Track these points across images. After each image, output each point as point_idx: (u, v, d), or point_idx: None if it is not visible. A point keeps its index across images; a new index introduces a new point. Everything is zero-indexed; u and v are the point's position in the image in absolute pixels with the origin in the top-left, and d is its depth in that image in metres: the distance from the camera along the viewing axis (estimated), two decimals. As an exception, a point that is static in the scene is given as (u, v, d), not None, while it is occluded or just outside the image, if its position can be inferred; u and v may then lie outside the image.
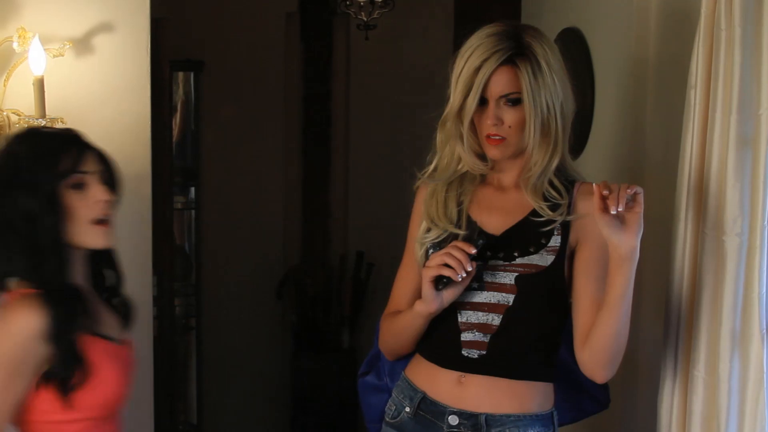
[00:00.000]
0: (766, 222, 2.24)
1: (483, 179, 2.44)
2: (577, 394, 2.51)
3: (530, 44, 2.29)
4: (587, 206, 2.28)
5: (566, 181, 2.37)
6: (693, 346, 2.37)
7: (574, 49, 3.19)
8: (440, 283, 2.29)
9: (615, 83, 3.08)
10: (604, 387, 2.52)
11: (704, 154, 2.35)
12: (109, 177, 2.18)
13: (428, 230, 2.42)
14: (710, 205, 2.32)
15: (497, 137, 2.32)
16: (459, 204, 2.41)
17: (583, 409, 2.56)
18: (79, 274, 2.17)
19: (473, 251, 2.27)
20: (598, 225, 2.19)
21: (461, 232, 2.36)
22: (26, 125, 2.74)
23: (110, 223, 2.16)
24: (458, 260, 2.26)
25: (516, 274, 2.33)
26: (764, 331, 2.26)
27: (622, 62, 3.02)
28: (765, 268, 2.25)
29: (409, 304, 2.42)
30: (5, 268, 2.11)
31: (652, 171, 2.86)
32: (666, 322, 2.47)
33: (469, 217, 2.39)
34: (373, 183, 5.57)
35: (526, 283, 2.32)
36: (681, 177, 2.43)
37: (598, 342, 2.27)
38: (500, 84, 2.29)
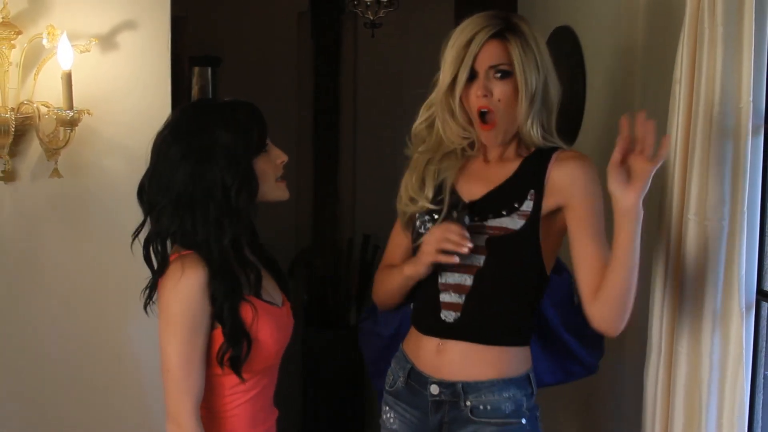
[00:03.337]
0: (746, 208, 2.24)
1: (472, 152, 2.40)
2: (566, 358, 2.50)
3: (518, 24, 2.28)
4: (561, 173, 2.27)
5: (544, 148, 2.33)
6: (677, 323, 2.36)
7: (567, 46, 3.18)
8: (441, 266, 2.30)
9: (605, 78, 3.07)
10: (594, 353, 2.51)
11: (688, 145, 2.34)
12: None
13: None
14: (693, 192, 2.30)
15: (489, 114, 2.28)
16: (439, 180, 2.38)
17: (571, 372, 2.54)
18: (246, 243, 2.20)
19: (466, 234, 2.25)
20: (608, 177, 2.12)
21: (435, 208, 2.35)
22: (54, 116, 2.73)
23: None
24: (458, 243, 2.25)
25: (487, 236, 2.30)
26: (743, 310, 2.26)
27: (612, 59, 3.01)
28: (745, 252, 2.25)
29: (401, 258, 2.46)
30: (189, 235, 2.09)
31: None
32: (651, 302, 2.46)
33: (452, 188, 2.36)
34: (379, 171, 5.55)
35: (495, 245, 2.29)
36: (666, 166, 2.42)
37: (609, 295, 2.21)
38: (491, 55, 2.26)
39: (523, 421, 2.34)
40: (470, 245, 2.25)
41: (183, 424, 2.06)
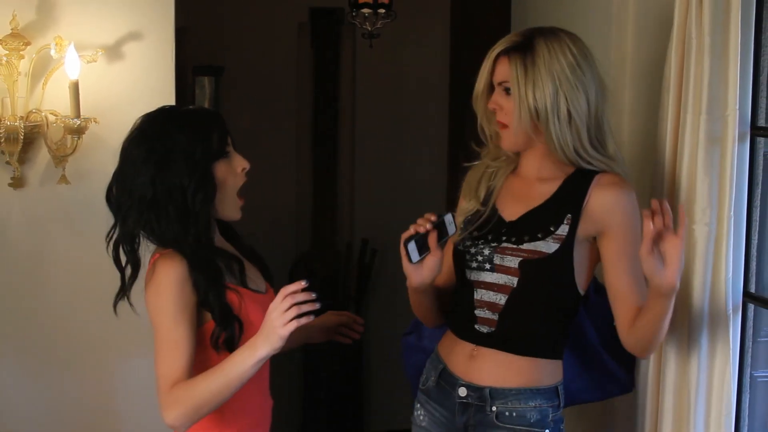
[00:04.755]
0: (732, 213, 2.25)
1: (515, 170, 2.40)
2: (603, 376, 2.48)
3: (535, 43, 2.26)
4: (600, 200, 2.24)
5: (586, 169, 2.28)
6: (666, 325, 2.37)
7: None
8: (408, 251, 2.22)
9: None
10: (629, 373, 2.50)
11: (676, 151, 2.35)
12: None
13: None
14: (681, 197, 2.31)
15: (503, 124, 2.30)
16: (490, 189, 2.39)
17: (607, 390, 2.51)
18: (217, 236, 2.24)
19: (433, 218, 2.22)
20: (642, 265, 2.07)
21: (482, 209, 2.35)
22: (62, 124, 2.74)
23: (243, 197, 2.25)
24: (422, 220, 2.23)
25: (521, 258, 2.28)
26: (730, 312, 2.26)
27: (602, 66, 3.01)
28: (731, 255, 2.26)
29: (441, 277, 2.39)
30: (159, 234, 2.15)
31: (630, 166, 2.85)
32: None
33: (493, 205, 2.36)
34: (376, 176, 5.56)
35: (529, 267, 2.27)
36: (656, 171, 2.43)
37: (642, 336, 2.20)
38: (499, 71, 2.29)
39: (547, 431, 2.34)
40: (433, 219, 2.22)
41: (161, 386, 2.08)
